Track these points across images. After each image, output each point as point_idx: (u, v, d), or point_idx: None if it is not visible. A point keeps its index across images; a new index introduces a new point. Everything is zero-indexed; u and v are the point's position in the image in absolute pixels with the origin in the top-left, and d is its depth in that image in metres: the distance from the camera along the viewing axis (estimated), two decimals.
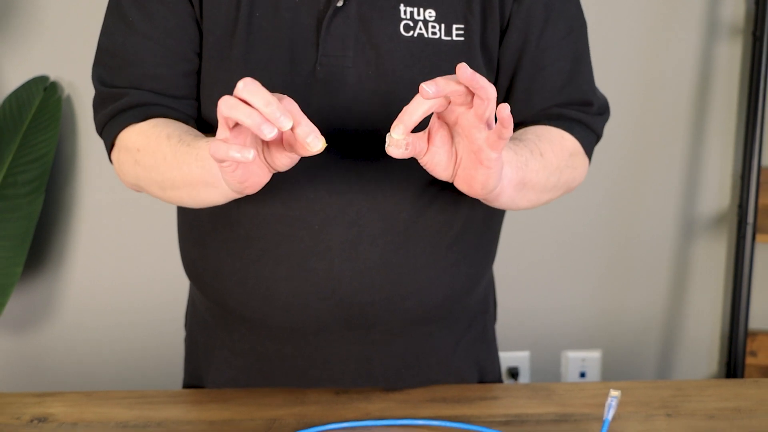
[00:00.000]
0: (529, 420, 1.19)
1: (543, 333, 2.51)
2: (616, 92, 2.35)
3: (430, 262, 1.21)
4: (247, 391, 1.26)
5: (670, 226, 2.47)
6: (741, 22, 2.34)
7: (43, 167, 2.24)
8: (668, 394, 1.27)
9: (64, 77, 2.30)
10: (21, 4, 2.27)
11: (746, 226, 2.26)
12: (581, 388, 1.28)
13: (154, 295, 2.39)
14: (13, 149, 2.24)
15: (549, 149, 1.15)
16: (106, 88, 1.19)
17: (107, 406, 1.23)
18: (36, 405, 1.23)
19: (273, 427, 1.17)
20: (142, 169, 1.15)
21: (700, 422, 1.19)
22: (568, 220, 2.42)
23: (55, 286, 2.44)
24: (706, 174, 2.44)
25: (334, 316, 1.21)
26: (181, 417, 1.20)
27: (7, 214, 2.22)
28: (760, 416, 1.21)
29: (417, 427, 1.17)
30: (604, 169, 2.39)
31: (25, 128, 2.25)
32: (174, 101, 1.18)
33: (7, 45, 2.29)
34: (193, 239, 1.28)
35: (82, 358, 2.47)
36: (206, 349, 1.34)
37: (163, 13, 1.16)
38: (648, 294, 2.51)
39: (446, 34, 1.14)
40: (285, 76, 1.13)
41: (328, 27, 1.12)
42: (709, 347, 2.56)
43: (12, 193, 2.22)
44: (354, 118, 1.14)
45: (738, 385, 1.30)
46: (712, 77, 2.38)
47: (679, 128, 2.41)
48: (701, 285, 2.51)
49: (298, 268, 1.19)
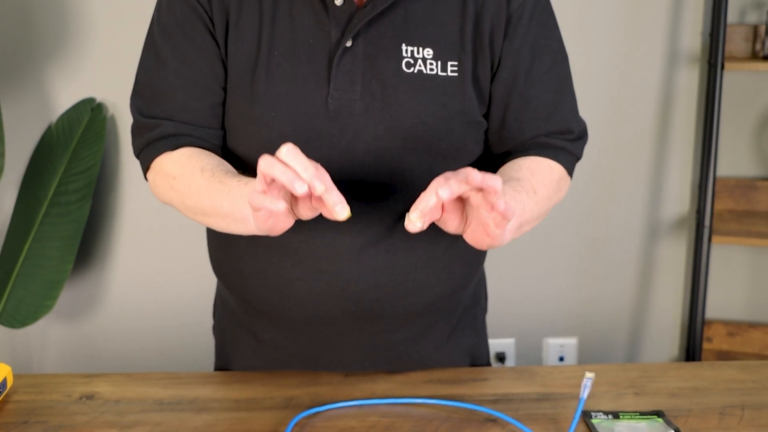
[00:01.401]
0: (515, 399, 1.19)
1: (526, 322, 2.50)
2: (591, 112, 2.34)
3: (429, 263, 1.21)
4: (268, 374, 1.26)
5: (637, 229, 2.47)
6: (698, 51, 2.34)
7: (90, 177, 2.24)
8: (636, 375, 1.26)
9: (108, 99, 2.30)
10: (71, 37, 2.27)
11: (704, 228, 2.26)
12: (560, 371, 1.28)
13: (186, 289, 2.39)
14: (65, 162, 2.24)
15: (541, 184, 1.15)
16: (143, 118, 1.18)
17: (145, 385, 1.23)
18: (84, 384, 1.23)
19: (290, 404, 1.17)
20: (177, 194, 1.15)
21: (664, 400, 1.19)
22: (551, 224, 2.42)
23: (100, 281, 2.44)
24: (669, 183, 2.43)
25: (344, 310, 1.20)
26: (210, 395, 1.20)
27: (59, 218, 2.22)
28: (715, 394, 1.21)
29: (416, 405, 1.17)
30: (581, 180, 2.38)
31: (74, 144, 2.25)
32: (202, 131, 1.17)
33: (60, 72, 2.29)
34: (220, 243, 1.28)
35: (123, 344, 2.47)
36: (233, 337, 1.34)
37: (193, 52, 1.16)
38: (618, 288, 2.51)
39: (442, 70, 1.13)
40: (300, 108, 1.12)
41: (338, 65, 1.11)
42: (671, 334, 2.55)
43: (63, 200, 2.23)
44: (361, 144, 1.13)
45: (696, 367, 1.30)
46: (673, 99, 2.38)
47: (646, 143, 2.40)
48: (664, 280, 2.51)
49: (312, 269, 1.18)
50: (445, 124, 1.14)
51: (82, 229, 2.23)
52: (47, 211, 2.22)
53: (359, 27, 1.10)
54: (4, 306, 2.21)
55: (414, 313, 1.25)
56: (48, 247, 2.21)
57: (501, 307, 2.38)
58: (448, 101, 1.13)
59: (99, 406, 1.17)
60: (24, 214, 2.25)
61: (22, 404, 1.17)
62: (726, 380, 1.25)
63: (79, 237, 2.22)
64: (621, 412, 1.14)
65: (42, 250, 2.21)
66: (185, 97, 1.16)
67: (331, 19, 1.11)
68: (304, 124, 1.12)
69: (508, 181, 1.11)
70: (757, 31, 2.31)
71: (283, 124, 1.13)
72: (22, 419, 1.13)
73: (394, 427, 1.10)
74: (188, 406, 1.17)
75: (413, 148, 1.14)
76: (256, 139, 1.15)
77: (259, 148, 1.11)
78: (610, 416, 1.13)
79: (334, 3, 1.11)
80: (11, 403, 1.17)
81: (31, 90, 2.30)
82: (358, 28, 1.10)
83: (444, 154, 1.16)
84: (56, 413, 1.15)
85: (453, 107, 1.14)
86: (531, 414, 1.14)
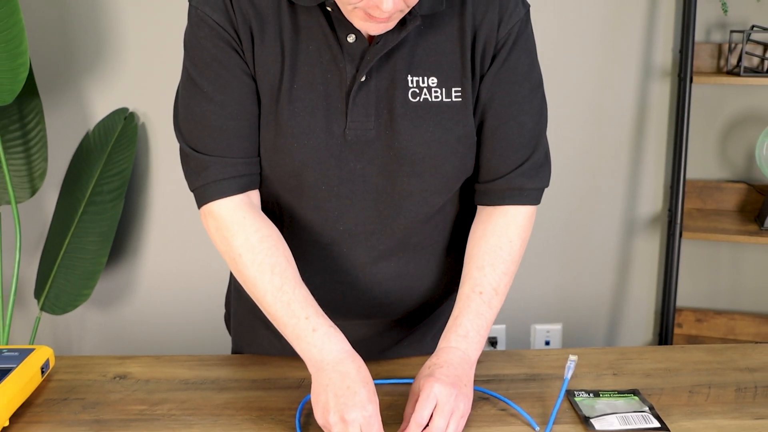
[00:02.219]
0: (505, 379, 1.18)
1: (516, 311, 2.50)
2: (572, 122, 2.34)
3: (432, 269, 1.21)
4: (282, 357, 1.26)
5: (616, 226, 2.46)
6: (669, 67, 2.33)
7: (123, 179, 2.24)
8: (614, 357, 1.26)
9: (139, 109, 2.30)
10: (106, 55, 2.27)
11: (675, 225, 2.26)
12: (546, 354, 1.28)
13: (208, 280, 2.39)
14: (100, 165, 2.24)
15: (502, 283, 1.13)
16: (194, 152, 1.11)
17: (172, 366, 1.22)
18: (118, 365, 1.23)
19: (302, 385, 1.16)
20: (239, 273, 1.10)
21: (639, 379, 1.19)
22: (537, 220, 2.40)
23: (132, 273, 2.44)
24: (644, 185, 2.43)
25: (356, 312, 1.20)
26: (230, 376, 1.20)
27: (96, 216, 2.22)
28: (685, 374, 1.20)
29: None
30: (566, 183, 2.38)
31: (109, 149, 2.25)
32: (249, 162, 1.12)
33: (96, 85, 2.29)
34: None
35: (153, 329, 2.47)
36: (251, 327, 1.33)
37: (234, 83, 1.09)
38: (598, 280, 2.50)
39: (446, 97, 1.11)
40: (321, 139, 1.09)
41: (355, 99, 1.09)
42: (646, 320, 2.55)
43: (99, 199, 2.23)
44: (374, 168, 1.11)
45: (668, 350, 1.29)
46: (647, 109, 2.37)
47: (623, 149, 2.40)
48: (640, 272, 2.50)
49: (329, 280, 1.18)
50: (449, 148, 1.11)
51: (116, 225, 2.23)
52: (85, 209, 2.22)
53: (372, 64, 1.08)
54: (47, 295, 2.21)
55: (418, 314, 1.25)
56: (86, 242, 2.21)
57: None
58: (453, 126, 1.11)
59: (131, 385, 1.16)
60: (64, 213, 2.25)
61: (63, 383, 1.17)
62: (694, 362, 1.25)
63: (113, 233, 2.22)
64: (601, 391, 1.14)
65: (80, 245, 2.21)
66: (236, 129, 1.10)
67: (345, 55, 1.08)
68: (324, 153, 1.10)
69: (471, 302, 1.11)
70: (722, 49, 2.31)
71: (305, 154, 1.09)
72: (63, 396, 1.13)
73: (396, 405, 1.10)
74: (210, 386, 1.16)
75: (420, 171, 1.11)
76: (281, 165, 1.11)
77: (283, 172, 1.11)
78: (591, 394, 1.13)
79: (348, 40, 1.08)
80: (53, 382, 1.17)
81: (70, 102, 2.30)
82: (371, 65, 1.07)
83: (448, 175, 1.13)
84: (93, 391, 1.15)
85: (457, 131, 1.11)
86: (520, 393, 1.14)
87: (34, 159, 2.20)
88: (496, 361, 1.25)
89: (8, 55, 1.90)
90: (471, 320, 1.10)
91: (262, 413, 1.08)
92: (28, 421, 1.06)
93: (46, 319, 2.44)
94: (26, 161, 2.20)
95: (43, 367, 1.15)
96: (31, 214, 2.36)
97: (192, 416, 1.08)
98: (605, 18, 2.30)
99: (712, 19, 2.30)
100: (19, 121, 2.19)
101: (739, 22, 2.29)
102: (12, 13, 1.87)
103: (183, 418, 1.07)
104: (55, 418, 1.07)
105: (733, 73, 2.26)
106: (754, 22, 2.28)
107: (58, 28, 2.25)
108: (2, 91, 1.95)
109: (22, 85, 1.94)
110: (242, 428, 1.04)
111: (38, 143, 2.20)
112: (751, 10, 2.28)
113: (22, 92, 2.12)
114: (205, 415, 1.08)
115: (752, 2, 2.27)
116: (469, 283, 1.13)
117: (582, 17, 2.29)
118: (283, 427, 1.05)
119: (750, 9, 2.28)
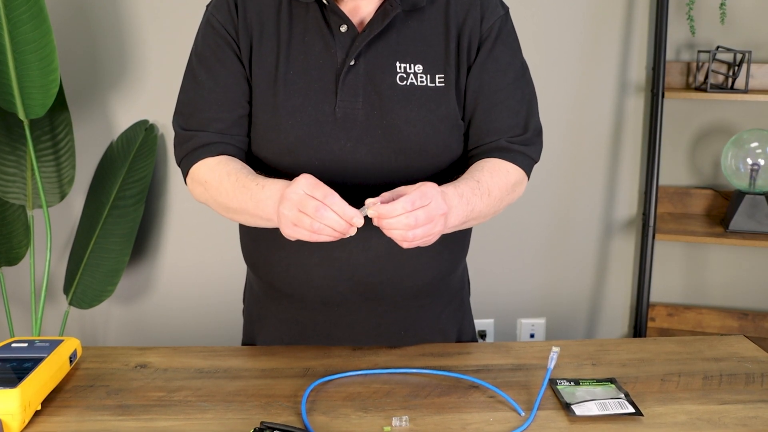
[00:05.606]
0: (494, 369, 1.18)
1: (503, 306, 2.50)
2: (555, 133, 2.34)
3: (422, 250, 1.20)
4: (288, 348, 1.25)
5: (594, 228, 2.46)
6: (643, 82, 2.33)
7: (144, 185, 2.24)
8: (593, 349, 1.26)
9: (159, 121, 2.30)
10: (128, 72, 2.27)
11: (648, 228, 2.26)
12: (531, 346, 1.27)
13: (221, 277, 2.38)
14: (123, 172, 2.24)
15: (496, 186, 1.14)
16: (182, 131, 1.19)
17: (188, 357, 1.22)
18: (139, 355, 1.22)
19: (307, 374, 1.16)
20: (209, 196, 1.16)
21: (616, 369, 1.18)
22: (523, 222, 2.42)
23: (152, 271, 2.44)
24: (620, 190, 2.43)
25: (353, 292, 1.20)
26: (241, 365, 1.19)
27: (119, 218, 2.22)
28: (657, 364, 1.20)
29: (412, 374, 1.16)
30: (547, 186, 2.38)
31: (131, 157, 2.25)
32: (231, 138, 1.17)
33: (119, 99, 2.29)
34: (250, 237, 1.27)
35: (171, 322, 2.47)
36: (259, 317, 1.33)
37: (224, 73, 1.16)
38: (579, 277, 2.50)
39: (431, 82, 1.14)
40: (313, 116, 1.13)
41: (344, 80, 1.12)
42: (622, 315, 2.54)
43: (122, 203, 2.22)
44: (364, 146, 1.13)
45: (642, 342, 1.29)
46: (623, 121, 2.37)
47: (601, 157, 2.40)
48: (616, 270, 2.50)
49: (326, 257, 1.18)
50: (432, 128, 1.14)
51: (137, 227, 2.23)
52: (109, 212, 2.22)
53: (360, 48, 1.12)
54: (75, 291, 2.21)
55: (411, 296, 1.24)
56: (109, 242, 2.21)
57: (482, 293, 2.38)
58: (436, 107, 1.14)
59: (151, 374, 1.16)
60: (90, 215, 2.25)
61: (89, 371, 1.17)
62: (666, 353, 1.25)
63: (135, 234, 2.22)
64: (581, 380, 1.14)
65: (105, 245, 2.21)
66: (217, 110, 1.17)
67: (336, 43, 1.13)
68: (316, 130, 1.13)
69: (469, 180, 1.11)
70: (690, 67, 2.31)
71: (299, 130, 1.13)
72: (90, 383, 1.13)
73: (394, 393, 1.10)
74: (223, 374, 1.16)
75: (406, 148, 1.13)
76: (277, 143, 1.15)
77: (279, 151, 1.15)
78: (572, 383, 1.13)
79: (340, 30, 1.13)
80: (80, 370, 1.17)
81: (96, 114, 2.30)
82: (359, 49, 1.12)
83: (432, 153, 1.15)
84: (116, 379, 1.15)
85: (440, 112, 1.14)
86: (507, 381, 1.14)
87: (63, 167, 2.20)
88: (485, 352, 1.25)
89: (41, 72, 1.91)
90: (470, 186, 1.11)
91: (270, 399, 1.08)
92: (58, 405, 1.06)
93: (74, 313, 2.44)
94: (56, 169, 2.20)
95: (71, 357, 1.15)
96: (61, 217, 2.35)
97: (206, 402, 1.08)
98: (584, 38, 2.30)
99: (682, 39, 2.31)
100: (50, 132, 2.19)
101: (706, 43, 2.30)
102: (45, 34, 1.88)
103: (198, 404, 1.07)
104: (82, 403, 1.07)
105: (701, 89, 2.26)
106: (719, 43, 2.28)
107: (86, 48, 2.25)
108: (35, 105, 1.96)
109: (53, 99, 1.95)
110: (252, 413, 1.04)
111: (67, 152, 2.20)
112: (716, 32, 2.29)
113: (53, 106, 2.12)
114: (218, 401, 1.08)
115: (718, 25, 2.27)
116: (468, 174, 1.14)
117: (562, 37, 2.29)
118: (289, 412, 1.04)
119: (715, 31, 2.29)
